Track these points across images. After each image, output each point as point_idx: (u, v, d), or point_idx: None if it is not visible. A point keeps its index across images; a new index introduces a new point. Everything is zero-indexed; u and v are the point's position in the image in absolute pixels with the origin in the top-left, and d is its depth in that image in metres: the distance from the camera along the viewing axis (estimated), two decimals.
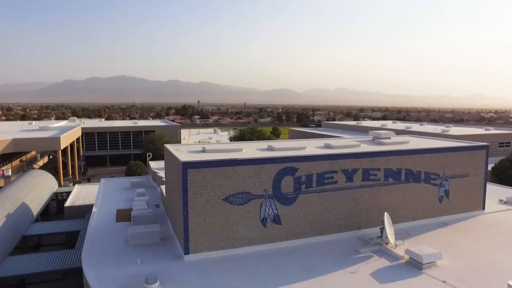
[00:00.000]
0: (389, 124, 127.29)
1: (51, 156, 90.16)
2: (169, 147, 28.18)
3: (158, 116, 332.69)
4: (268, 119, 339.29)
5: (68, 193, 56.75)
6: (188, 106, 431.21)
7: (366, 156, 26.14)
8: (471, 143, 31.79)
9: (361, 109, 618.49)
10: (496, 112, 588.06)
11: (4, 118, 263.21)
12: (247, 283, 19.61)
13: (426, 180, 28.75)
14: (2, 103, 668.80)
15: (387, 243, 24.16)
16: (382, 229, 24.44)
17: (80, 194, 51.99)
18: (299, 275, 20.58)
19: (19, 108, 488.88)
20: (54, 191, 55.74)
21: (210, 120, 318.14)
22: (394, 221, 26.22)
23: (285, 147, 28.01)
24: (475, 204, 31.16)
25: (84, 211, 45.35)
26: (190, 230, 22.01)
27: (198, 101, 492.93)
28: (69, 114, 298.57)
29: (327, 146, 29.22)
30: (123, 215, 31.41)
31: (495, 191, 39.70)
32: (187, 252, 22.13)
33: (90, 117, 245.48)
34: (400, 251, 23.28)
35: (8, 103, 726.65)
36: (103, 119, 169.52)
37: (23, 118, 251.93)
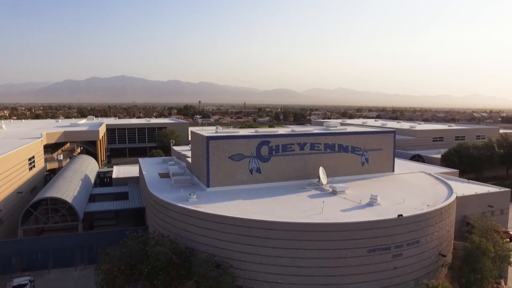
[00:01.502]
0: (369, 121, 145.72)
1: (81, 147, 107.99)
2: (195, 129, 46.30)
3: (161, 115, 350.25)
4: (267, 118, 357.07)
5: (106, 172, 74.98)
6: (190, 106, 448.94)
7: (311, 135, 44.23)
8: (382, 130, 49.95)
9: (359, 109, 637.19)
10: (491, 111, 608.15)
11: (15, 117, 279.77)
12: (240, 198, 37.59)
13: (352, 151, 46.75)
14: (3, 103, 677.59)
15: (322, 184, 42.13)
16: (319, 177, 42.42)
17: (120, 171, 70.28)
18: (269, 196, 38.54)
19: (22, 108, 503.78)
20: (98, 170, 73.79)
21: (211, 120, 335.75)
22: (331, 175, 44.24)
23: (265, 130, 46.04)
24: (387, 167, 49.21)
25: (126, 181, 63.68)
26: (210, 174, 40.07)
27: (199, 101, 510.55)
28: (74, 114, 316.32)
29: (292, 130, 47.25)
30: (163, 175, 49.45)
31: (434, 170, 57.34)
32: (208, 186, 40.22)
33: (96, 116, 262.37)
34: (328, 188, 41.25)
35: (9, 103, 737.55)
36: (117, 118, 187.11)
37: (36, 117, 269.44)
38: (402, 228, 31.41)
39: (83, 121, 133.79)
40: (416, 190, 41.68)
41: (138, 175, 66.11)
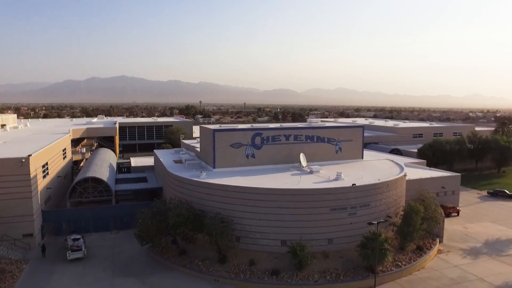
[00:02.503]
0: (359, 120, 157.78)
1: (97, 143, 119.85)
2: (203, 125, 58.26)
3: (163, 115, 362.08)
4: (266, 118, 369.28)
5: (123, 163, 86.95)
6: (191, 106, 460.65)
7: (295, 129, 56.28)
8: (353, 125, 61.90)
9: (357, 109, 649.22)
10: (488, 111, 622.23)
11: (22, 117, 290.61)
12: (238, 175, 49.53)
13: (328, 141, 58.67)
14: (5, 104, 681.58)
15: (302, 167, 54.05)
16: (300, 162, 54.35)
17: (137, 161, 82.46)
18: (261, 174, 50.47)
19: (25, 108, 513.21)
20: (117, 161, 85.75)
21: (212, 119, 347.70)
22: (310, 160, 56.08)
23: (258, 125, 57.95)
24: (356, 155, 61.13)
25: (143, 169, 75.70)
26: (216, 158, 52.13)
27: (200, 102, 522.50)
28: (78, 114, 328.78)
29: (280, 125, 59.17)
30: (177, 161, 61.41)
31: (405, 160, 69.28)
32: (214, 167, 52.29)
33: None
34: (306, 169, 53.19)
35: (10, 103, 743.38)
36: (125, 117, 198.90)
37: (45, 117, 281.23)
38: (355, 194, 43.33)
39: (94, 119, 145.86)
40: (375, 171, 53.62)
41: (152, 164, 78.32)
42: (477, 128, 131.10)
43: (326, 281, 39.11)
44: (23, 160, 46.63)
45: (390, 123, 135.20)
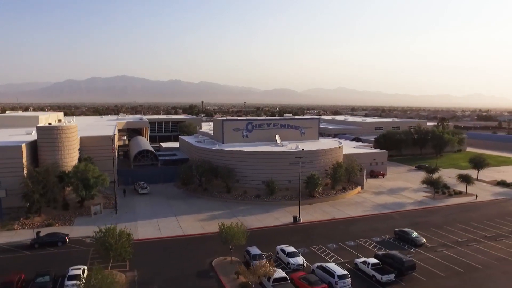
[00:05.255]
0: (337, 117, 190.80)
1: (127, 134, 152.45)
2: (215, 117, 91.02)
3: (167, 114, 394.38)
4: (264, 117, 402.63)
5: (155, 147, 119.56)
6: (194, 106, 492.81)
7: (273, 120, 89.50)
8: (312, 117, 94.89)
9: (353, 109, 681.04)
10: (480, 110, 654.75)
11: None
12: (238, 147, 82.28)
13: (296, 128, 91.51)
14: (6, 103, 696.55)
15: (277, 143, 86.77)
16: (276, 140, 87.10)
17: (166, 145, 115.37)
18: (252, 147, 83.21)
19: (31, 108, 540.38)
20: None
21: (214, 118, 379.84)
22: (283, 140, 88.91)
23: (251, 117, 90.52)
24: (314, 137, 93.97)
25: (171, 149, 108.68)
26: (224, 137, 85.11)
27: (202, 101, 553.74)
28: (87, 113, 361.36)
29: (265, 117, 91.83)
30: (198, 142, 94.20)
31: (355, 144, 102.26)
32: (223, 142, 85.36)
33: (110, 115, 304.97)
34: (280, 144, 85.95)
35: (12, 103, 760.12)
36: (142, 114, 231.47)
37: (65, 115, 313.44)
38: (303, 154, 75.90)
39: (119, 116, 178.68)
40: (322, 145, 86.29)
41: (175, 146, 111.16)
42: (397, 120, 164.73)
43: (286, 200, 71.89)
44: (111, 136, 79.31)
45: (360, 119, 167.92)
